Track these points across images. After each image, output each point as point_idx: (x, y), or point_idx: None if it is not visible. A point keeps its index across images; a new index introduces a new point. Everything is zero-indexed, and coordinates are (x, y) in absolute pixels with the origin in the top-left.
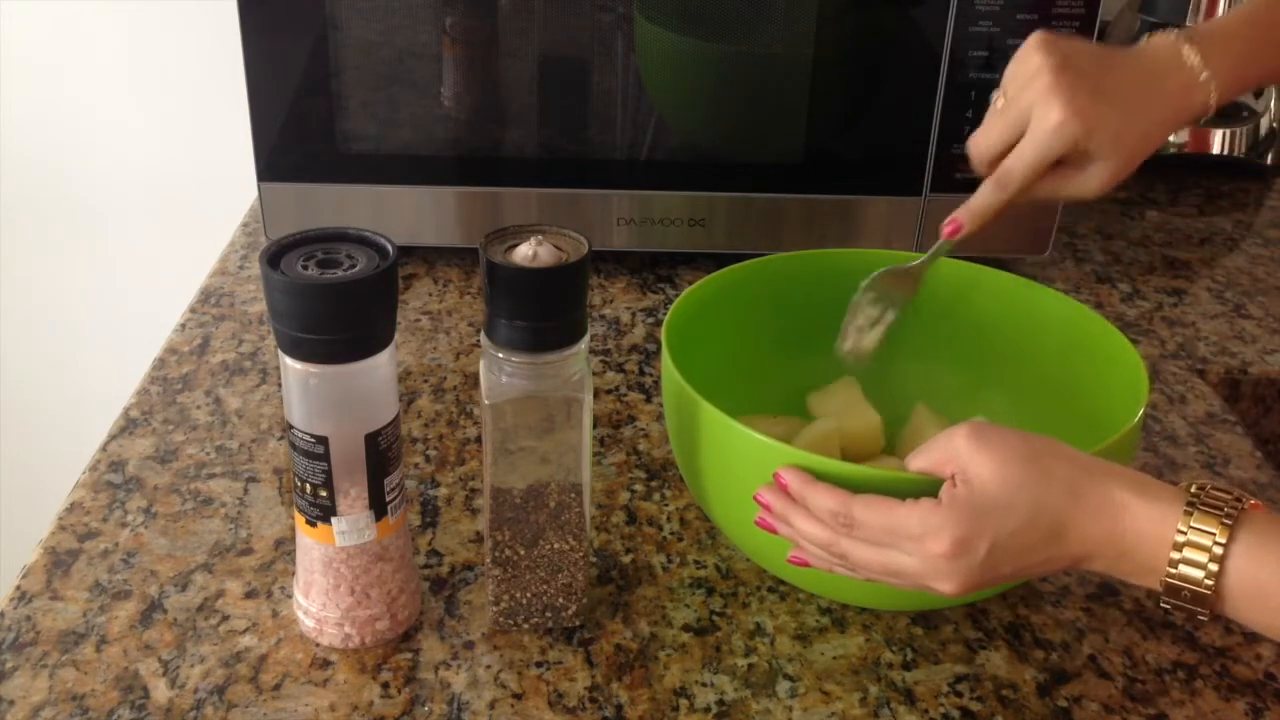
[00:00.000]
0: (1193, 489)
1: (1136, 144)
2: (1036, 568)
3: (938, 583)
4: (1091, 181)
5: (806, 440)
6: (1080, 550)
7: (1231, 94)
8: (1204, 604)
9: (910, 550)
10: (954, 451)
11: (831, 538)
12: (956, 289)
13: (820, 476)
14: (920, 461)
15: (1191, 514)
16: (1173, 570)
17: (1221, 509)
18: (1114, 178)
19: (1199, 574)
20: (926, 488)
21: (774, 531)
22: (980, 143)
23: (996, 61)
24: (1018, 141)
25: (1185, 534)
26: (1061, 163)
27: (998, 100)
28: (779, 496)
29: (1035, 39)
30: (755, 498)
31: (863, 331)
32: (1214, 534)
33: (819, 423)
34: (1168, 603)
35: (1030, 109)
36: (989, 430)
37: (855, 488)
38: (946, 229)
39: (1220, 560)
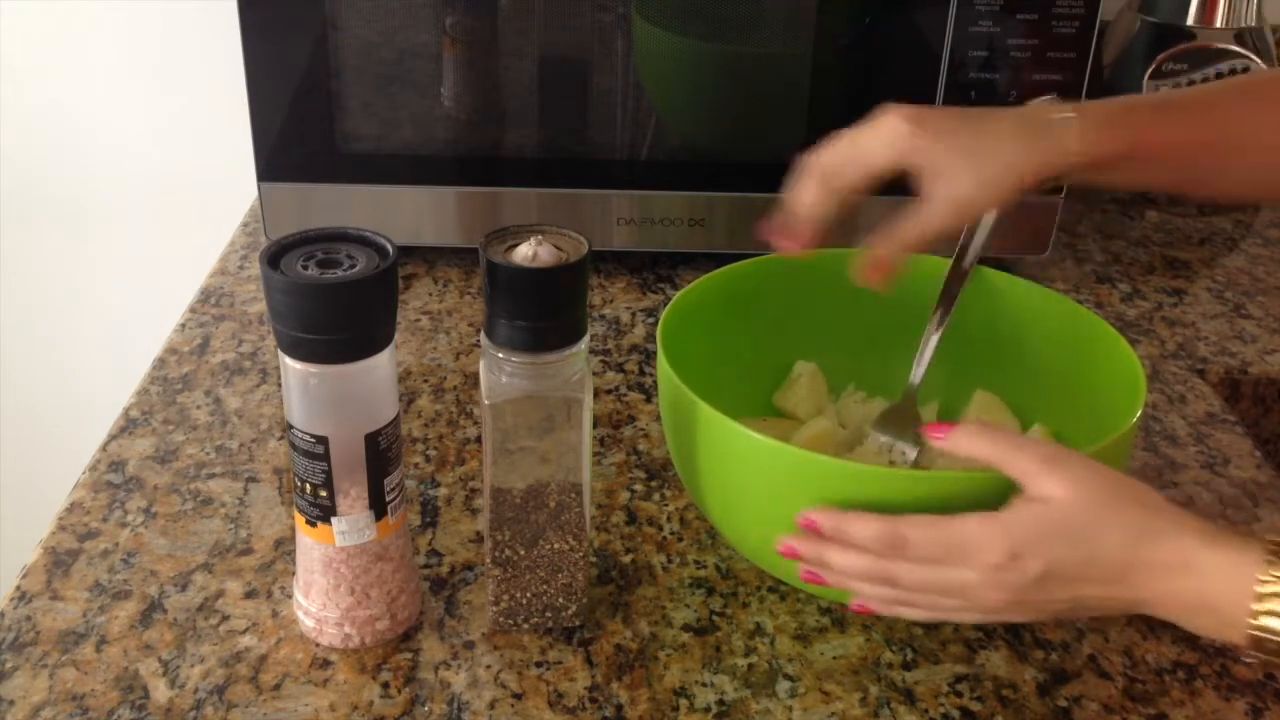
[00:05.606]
0: (1270, 538)
1: (992, 165)
2: (1093, 602)
3: (989, 593)
4: (949, 189)
5: (803, 440)
6: (1137, 596)
7: (1106, 147)
8: None
9: (965, 562)
10: (1029, 459)
11: (874, 564)
12: None
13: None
14: (982, 447)
15: (1274, 563)
16: (1254, 622)
17: None
18: (970, 192)
19: None
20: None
21: (819, 582)
22: (819, 155)
23: (996, 61)
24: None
25: (1267, 584)
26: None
27: None
28: (807, 540)
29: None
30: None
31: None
32: None
33: (814, 422)
34: (1252, 657)
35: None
36: (1071, 456)
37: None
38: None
39: None
